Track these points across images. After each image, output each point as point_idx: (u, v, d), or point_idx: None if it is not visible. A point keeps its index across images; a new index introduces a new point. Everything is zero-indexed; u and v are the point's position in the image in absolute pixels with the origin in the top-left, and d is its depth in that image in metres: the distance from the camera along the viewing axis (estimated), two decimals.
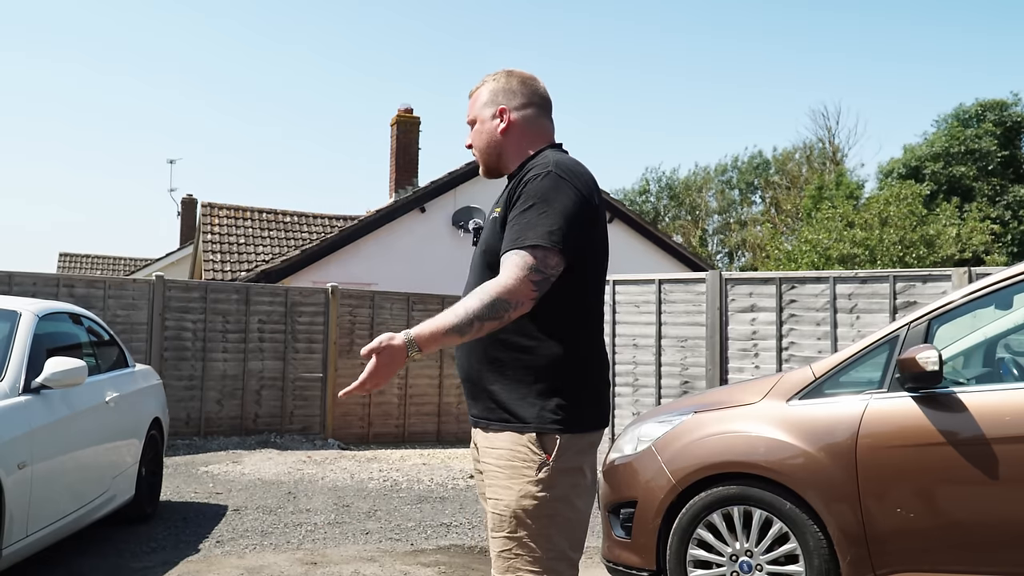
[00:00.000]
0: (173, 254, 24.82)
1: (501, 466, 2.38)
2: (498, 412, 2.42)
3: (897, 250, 20.65)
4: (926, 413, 3.88)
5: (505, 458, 2.38)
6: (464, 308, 2.25)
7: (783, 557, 4.07)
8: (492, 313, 2.25)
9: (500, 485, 2.38)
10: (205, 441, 11.18)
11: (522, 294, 2.27)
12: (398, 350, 2.24)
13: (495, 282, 2.28)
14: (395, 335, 2.25)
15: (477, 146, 2.65)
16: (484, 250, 2.48)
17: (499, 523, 2.37)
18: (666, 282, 9.47)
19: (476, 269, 2.52)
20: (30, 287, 10.35)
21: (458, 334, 2.25)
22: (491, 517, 2.40)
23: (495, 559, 2.39)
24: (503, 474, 2.38)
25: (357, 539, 6.24)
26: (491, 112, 2.61)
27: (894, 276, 8.33)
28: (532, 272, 2.28)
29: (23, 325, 5.17)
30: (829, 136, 39.69)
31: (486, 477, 2.44)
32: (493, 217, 2.50)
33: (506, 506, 2.36)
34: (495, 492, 2.39)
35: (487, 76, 2.67)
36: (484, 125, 2.62)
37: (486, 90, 2.63)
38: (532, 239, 2.30)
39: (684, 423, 4.46)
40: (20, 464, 4.40)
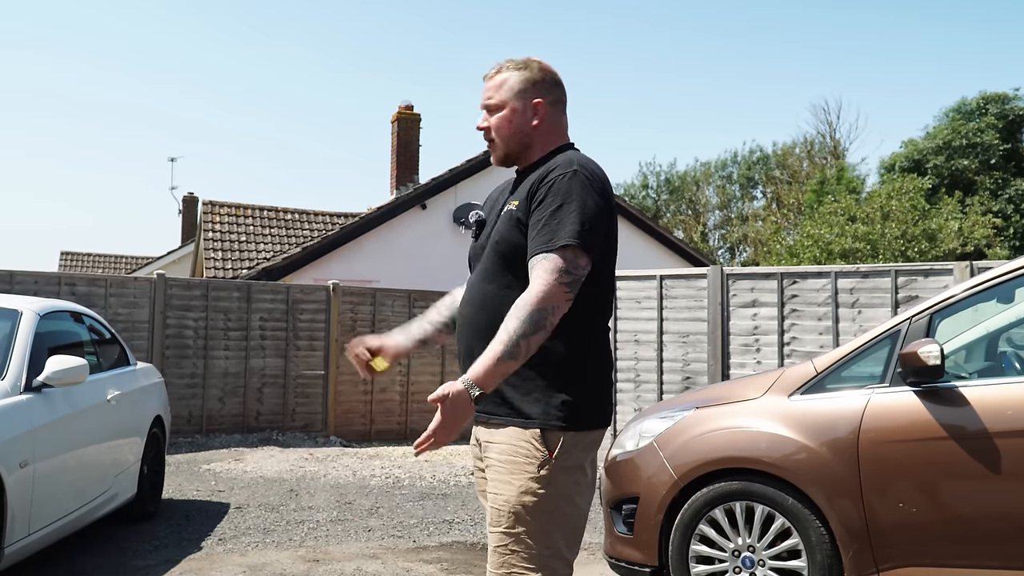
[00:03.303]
0: (174, 252, 24.83)
1: (503, 461, 2.38)
2: (503, 407, 2.40)
3: (899, 244, 20.62)
4: (928, 407, 3.87)
5: (507, 453, 2.37)
6: (507, 332, 2.23)
7: (785, 552, 4.07)
8: (535, 328, 2.24)
9: (501, 480, 2.37)
10: (207, 439, 11.19)
11: (557, 298, 2.27)
12: (460, 395, 2.19)
13: (528, 295, 2.26)
14: (455, 383, 2.22)
15: (501, 133, 2.54)
16: (498, 240, 2.45)
17: (497, 518, 2.36)
18: (667, 278, 9.46)
19: (486, 259, 2.49)
20: (32, 286, 10.35)
21: (512, 359, 2.22)
22: (490, 512, 2.39)
23: (491, 554, 2.38)
24: (504, 469, 2.37)
25: (359, 536, 6.24)
26: (524, 103, 2.54)
27: (896, 270, 8.31)
28: (562, 275, 2.28)
29: (24, 324, 5.17)
30: (830, 130, 39.65)
31: (488, 472, 2.43)
32: (508, 210, 2.46)
33: (505, 501, 2.35)
34: (496, 487, 2.38)
35: (510, 62, 2.58)
36: (514, 114, 2.53)
37: (518, 78, 2.55)
38: (563, 240, 2.30)
39: (686, 419, 4.46)
40: (22, 463, 4.40)
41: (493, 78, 2.56)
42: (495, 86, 2.55)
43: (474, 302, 2.49)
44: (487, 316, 2.41)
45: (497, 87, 2.55)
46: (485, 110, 2.56)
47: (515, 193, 2.50)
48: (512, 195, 2.52)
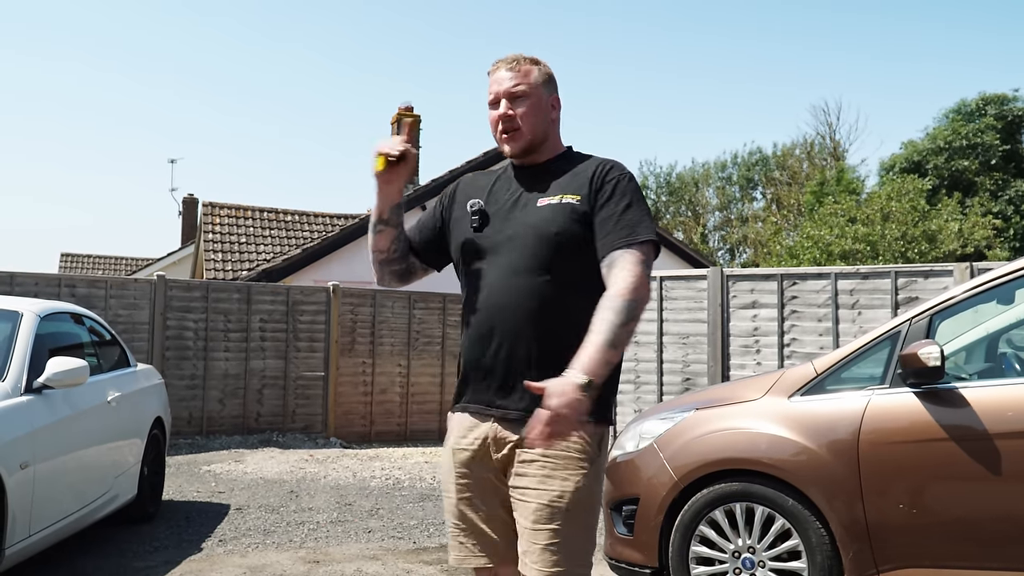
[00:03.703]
0: (174, 254, 24.83)
1: (557, 457, 2.34)
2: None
3: (899, 245, 20.62)
4: (928, 409, 3.87)
5: (562, 448, 2.33)
6: (606, 323, 2.23)
7: (786, 553, 4.07)
8: (630, 318, 2.26)
9: (555, 476, 2.34)
10: (207, 440, 11.19)
11: (646, 288, 2.33)
12: (569, 386, 2.13)
13: (621, 287, 2.28)
14: (565, 379, 2.15)
15: (531, 121, 2.49)
16: (558, 232, 2.39)
17: (550, 515, 2.32)
18: (667, 279, 9.46)
19: (526, 251, 2.41)
20: (32, 287, 10.36)
21: (614, 348, 2.22)
22: (535, 509, 2.34)
23: (540, 552, 2.32)
24: (559, 464, 2.34)
25: (359, 537, 6.24)
26: (547, 97, 2.55)
27: (896, 272, 8.32)
28: (645, 267, 2.36)
29: (25, 325, 5.17)
30: (830, 132, 39.65)
31: (529, 469, 2.36)
32: (566, 203, 2.42)
33: (559, 497, 2.32)
34: (547, 483, 2.34)
35: (524, 56, 2.55)
36: (541, 104, 2.52)
37: (539, 72, 2.54)
38: (643, 235, 2.38)
39: (686, 420, 4.46)
40: (22, 464, 4.40)
41: (517, 68, 2.51)
42: (521, 74, 2.50)
43: (520, 293, 2.38)
44: (546, 309, 2.37)
45: (524, 75, 2.50)
46: (508, 99, 2.49)
47: (557, 187, 2.47)
48: (550, 189, 2.47)
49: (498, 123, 2.50)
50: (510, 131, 2.49)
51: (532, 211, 2.45)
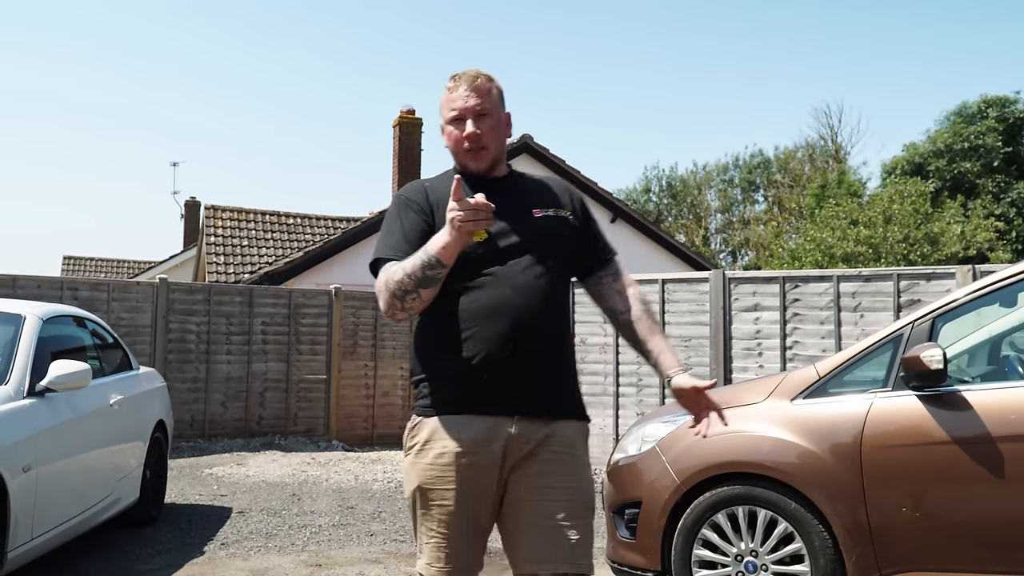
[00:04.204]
0: (176, 256, 24.83)
1: (577, 453, 2.51)
2: (568, 403, 2.55)
3: (901, 248, 20.61)
4: (931, 412, 3.87)
5: (580, 446, 2.53)
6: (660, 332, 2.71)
7: (788, 557, 4.07)
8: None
9: (580, 473, 2.50)
10: (209, 443, 11.19)
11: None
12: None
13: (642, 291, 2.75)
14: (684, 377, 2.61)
15: (493, 139, 2.56)
16: (564, 240, 2.60)
17: (584, 510, 2.48)
18: (669, 282, 9.46)
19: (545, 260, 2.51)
20: (34, 290, 10.37)
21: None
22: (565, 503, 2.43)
23: (571, 548, 2.41)
24: (580, 461, 2.51)
25: (362, 541, 6.24)
26: (504, 115, 2.64)
27: (898, 274, 8.31)
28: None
29: (27, 328, 5.18)
30: (832, 134, 39.63)
31: (557, 467, 2.45)
32: (563, 216, 2.61)
33: (586, 491, 2.51)
34: (574, 480, 2.47)
35: (481, 72, 2.61)
36: (500, 123, 2.60)
37: (497, 89, 2.61)
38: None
39: (688, 423, 4.44)
40: (25, 467, 4.40)
41: (480, 86, 2.56)
42: (484, 93, 2.56)
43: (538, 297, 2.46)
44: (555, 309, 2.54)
45: (487, 94, 2.56)
46: (474, 117, 2.53)
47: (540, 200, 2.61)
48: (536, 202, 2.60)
49: (463, 140, 2.54)
50: (477, 149, 2.54)
51: (535, 221, 2.54)
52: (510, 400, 2.41)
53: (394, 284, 2.39)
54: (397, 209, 2.57)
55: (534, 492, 2.42)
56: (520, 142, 16.62)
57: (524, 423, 2.42)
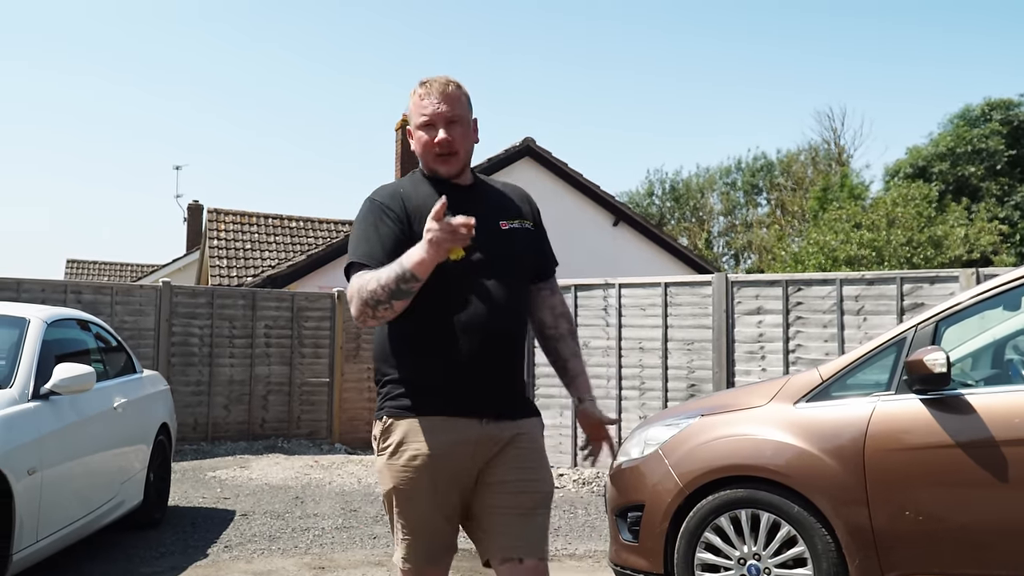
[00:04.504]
0: (179, 260, 24.84)
1: (539, 449, 2.69)
2: (527, 405, 2.72)
3: (905, 251, 20.59)
4: (934, 415, 3.87)
5: (540, 443, 2.71)
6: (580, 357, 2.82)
7: (791, 560, 4.07)
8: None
9: (544, 467, 2.68)
10: (212, 446, 11.20)
11: None
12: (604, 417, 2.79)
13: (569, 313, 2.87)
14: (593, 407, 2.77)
15: (464, 147, 2.64)
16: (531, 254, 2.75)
17: (546, 501, 2.66)
18: (672, 285, 9.46)
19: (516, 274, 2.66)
20: (38, 294, 10.39)
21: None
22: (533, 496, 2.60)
23: (541, 535, 2.61)
24: (543, 456, 2.70)
25: (365, 544, 6.24)
26: (472, 121, 2.71)
27: (901, 277, 8.31)
28: None
29: (32, 332, 5.19)
30: (835, 137, 39.63)
31: (526, 459, 2.62)
32: (527, 229, 2.73)
33: (549, 484, 2.68)
34: (539, 473, 2.65)
35: (450, 78, 2.67)
36: (469, 129, 2.68)
37: (466, 96, 2.68)
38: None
39: (691, 426, 4.46)
40: (30, 470, 4.42)
41: (452, 93, 2.63)
42: (454, 100, 2.62)
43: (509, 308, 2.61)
44: (522, 318, 2.72)
45: (457, 101, 2.63)
46: (445, 123, 2.60)
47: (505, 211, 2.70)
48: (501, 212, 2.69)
49: (434, 146, 2.60)
50: (448, 154, 2.60)
51: (503, 233, 2.65)
52: (480, 405, 2.55)
53: (367, 293, 2.42)
54: (373, 215, 2.59)
55: (507, 486, 2.57)
56: (522, 145, 16.63)
57: (492, 424, 2.57)
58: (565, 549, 6.26)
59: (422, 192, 2.61)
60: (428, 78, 2.67)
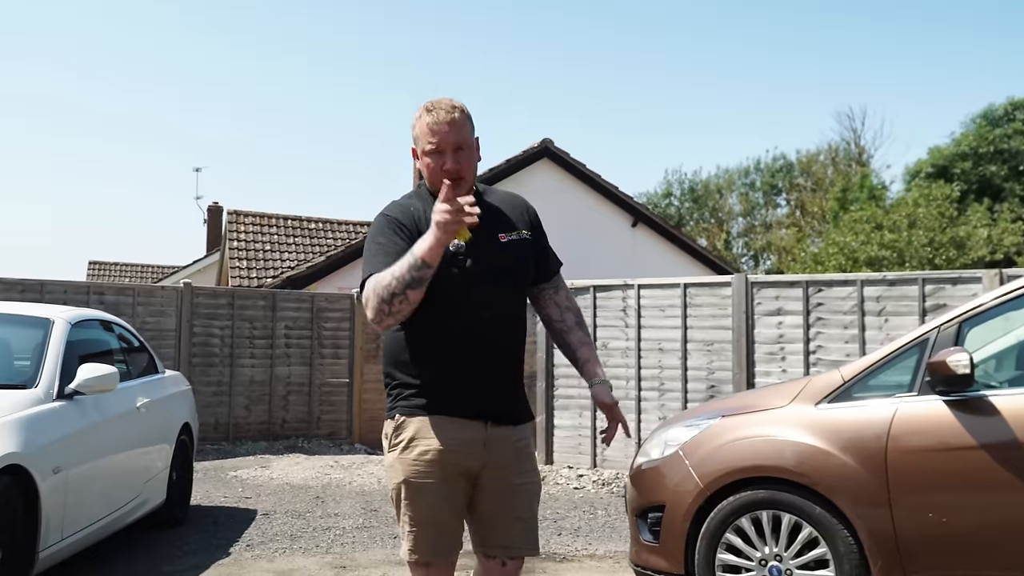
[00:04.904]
0: (200, 261, 24.99)
1: (533, 449, 2.90)
2: (525, 410, 2.88)
3: (926, 252, 20.47)
4: (957, 417, 3.85)
5: (532, 442, 2.91)
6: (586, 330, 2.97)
7: (813, 562, 4.05)
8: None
9: (536, 469, 2.89)
10: (234, 446, 11.27)
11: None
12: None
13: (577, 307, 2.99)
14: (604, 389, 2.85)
15: (469, 171, 2.74)
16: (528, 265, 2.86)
17: (534, 500, 2.87)
18: (691, 286, 9.43)
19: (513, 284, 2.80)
20: (61, 295, 10.48)
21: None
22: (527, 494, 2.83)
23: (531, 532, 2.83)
24: (534, 457, 2.89)
25: (385, 543, 6.26)
26: (476, 142, 2.79)
27: (923, 278, 8.26)
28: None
29: (56, 332, 5.24)
30: (855, 137, 39.41)
31: (523, 462, 2.82)
32: (525, 239, 2.83)
33: (539, 482, 2.91)
34: (532, 476, 2.86)
35: (455, 103, 2.75)
36: (474, 153, 2.78)
37: (470, 120, 2.77)
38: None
39: (711, 427, 4.45)
40: (55, 469, 4.46)
41: (458, 120, 2.71)
42: (459, 126, 2.71)
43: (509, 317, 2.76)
44: (521, 326, 2.82)
45: (462, 126, 2.72)
46: (454, 151, 2.68)
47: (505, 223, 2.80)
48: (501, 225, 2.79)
49: (441, 173, 2.65)
50: (456, 180, 2.63)
51: (502, 246, 2.77)
52: (484, 410, 2.72)
53: (381, 288, 2.53)
54: (386, 231, 2.71)
55: (507, 487, 2.77)
56: (540, 146, 16.63)
57: (495, 428, 2.74)
58: (585, 549, 6.26)
59: (430, 208, 2.62)
60: (433, 102, 2.73)
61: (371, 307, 2.56)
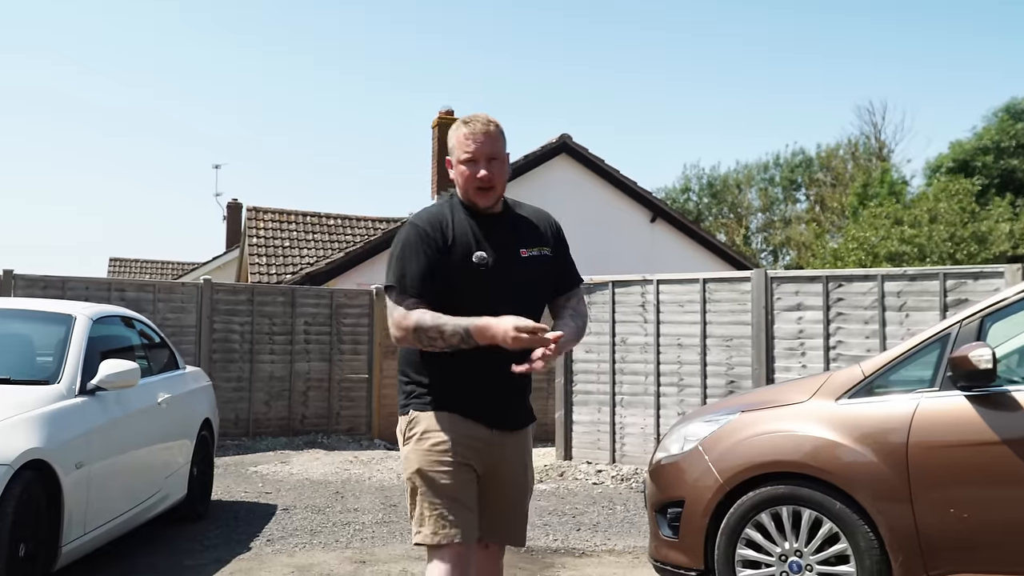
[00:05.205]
0: (219, 257, 25.08)
1: (530, 448, 3.13)
2: (528, 415, 3.09)
3: (947, 247, 20.32)
4: (979, 412, 3.82)
5: (530, 442, 3.13)
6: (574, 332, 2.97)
7: (833, 558, 4.03)
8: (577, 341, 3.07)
9: (529, 464, 3.12)
10: (254, 441, 11.33)
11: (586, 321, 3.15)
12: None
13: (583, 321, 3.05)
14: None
15: (502, 180, 2.92)
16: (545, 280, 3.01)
17: (527, 492, 3.12)
18: (710, 281, 9.41)
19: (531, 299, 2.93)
20: (83, 291, 10.56)
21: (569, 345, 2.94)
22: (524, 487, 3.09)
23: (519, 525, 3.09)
24: (530, 455, 3.13)
25: (405, 538, 6.28)
26: (507, 156, 2.98)
27: (944, 273, 8.21)
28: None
29: (78, 328, 5.28)
30: (875, 132, 39.12)
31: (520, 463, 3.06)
32: (545, 255, 2.98)
33: (532, 478, 3.17)
34: (527, 472, 3.10)
35: (490, 118, 2.93)
36: (505, 164, 2.95)
37: (503, 134, 2.94)
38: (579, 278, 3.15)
39: (731, 422, 4.43)
40: (77, 464, 4.50)
41: (493, 132, 2.90)
42: (493, 138, 2.90)
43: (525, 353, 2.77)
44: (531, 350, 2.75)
45: (496, 139, 2.91)
46: (487, 161, 2.87)
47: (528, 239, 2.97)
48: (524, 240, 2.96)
49: (475, 180, 2.87)
50: (488, 188, 2.89)
51: (523, 261, 2.93)
52: (490, 417, 2.92)
53: (424, 336, 2.76)
54: (416, 243, 2.87)
55: (501, 485, 2.98)
56: (559, 142, 16.61)
57: (498, 433, 2.95)
58: (604, 545, 6.26)
59: (460, 222, 2.91)
60: (470, 116, 2.94)
61: (404, 336, 2.79)
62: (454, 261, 2.83)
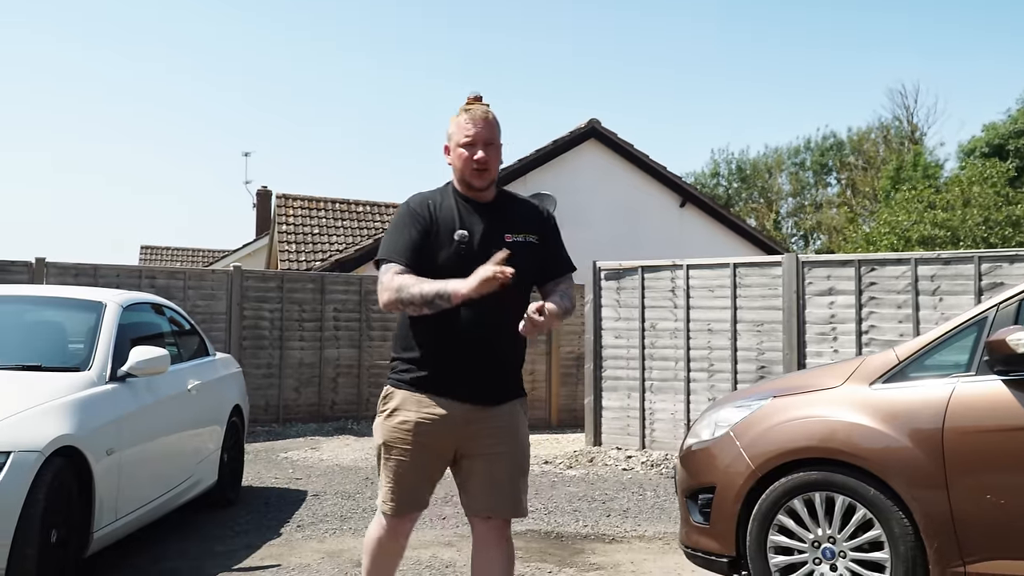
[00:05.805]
0: (249, 245, 25.20)
1: (520, 420, 3.19)
2: (512, 389, 3.18)
3: (980, 231, 20.03)
4: (1017, 397, 3.75)
5: (519, 415, 3.19)
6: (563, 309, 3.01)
7: (867, 544, 3.98)
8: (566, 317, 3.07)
9: (524, 432, 3.20)
10: (284, 428, 11.39)
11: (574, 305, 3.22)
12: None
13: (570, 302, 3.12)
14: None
15: (496, 165, 3.11)
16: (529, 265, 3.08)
17: (525, 460, 3.21)
18: (741, 266, 9.33)
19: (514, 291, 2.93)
20: (114, 279, 10.65)
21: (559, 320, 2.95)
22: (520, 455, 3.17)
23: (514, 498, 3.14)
24: (521, 427, 3.18)
25: (434, 524, 6.28)
26: (500, 145, 3.16)
27: (979, 257, 8.08)
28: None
29: (108, 315, 5.31)
30: (908, 115, 38.61)
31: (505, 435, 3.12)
32: (530, 243, 3.12)
33: (525, 449, 3.21)
34: (521, 440, 3.18)
35: (488, 107, 3.15)
36: (499, 154, 3.14)
37: (498, 125, 3.13)
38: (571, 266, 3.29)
39: (763, 408, 4.38)
40: (109, 450, 4.53)
41: (491, 119, 3.11)
42: (491, 125, 3.11)
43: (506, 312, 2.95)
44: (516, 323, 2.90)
45: (493, 127, 3.11)
46: (485, 145, 3.06)
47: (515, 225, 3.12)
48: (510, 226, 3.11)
49: (472, 162, 3.06)
50: (483, 170, 3.07)
51: (507, 245, 2.98)
52: (464, 394, 3.05)
53: (406, 296, 2.92)
54: (406, 219, 3.08)
55: (482, 459, 3.10)
56: (587, 127, 16.50)
57: (473, 409, 3.06)
58: (634, 531, 6.23)
59: (447, 205, 3.10)
60: (468, 105, 3.14)
61: (389, 300, 2.95)
62: (438, 239, 3.02)
